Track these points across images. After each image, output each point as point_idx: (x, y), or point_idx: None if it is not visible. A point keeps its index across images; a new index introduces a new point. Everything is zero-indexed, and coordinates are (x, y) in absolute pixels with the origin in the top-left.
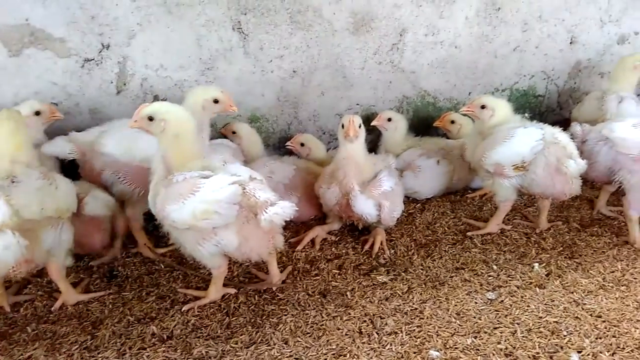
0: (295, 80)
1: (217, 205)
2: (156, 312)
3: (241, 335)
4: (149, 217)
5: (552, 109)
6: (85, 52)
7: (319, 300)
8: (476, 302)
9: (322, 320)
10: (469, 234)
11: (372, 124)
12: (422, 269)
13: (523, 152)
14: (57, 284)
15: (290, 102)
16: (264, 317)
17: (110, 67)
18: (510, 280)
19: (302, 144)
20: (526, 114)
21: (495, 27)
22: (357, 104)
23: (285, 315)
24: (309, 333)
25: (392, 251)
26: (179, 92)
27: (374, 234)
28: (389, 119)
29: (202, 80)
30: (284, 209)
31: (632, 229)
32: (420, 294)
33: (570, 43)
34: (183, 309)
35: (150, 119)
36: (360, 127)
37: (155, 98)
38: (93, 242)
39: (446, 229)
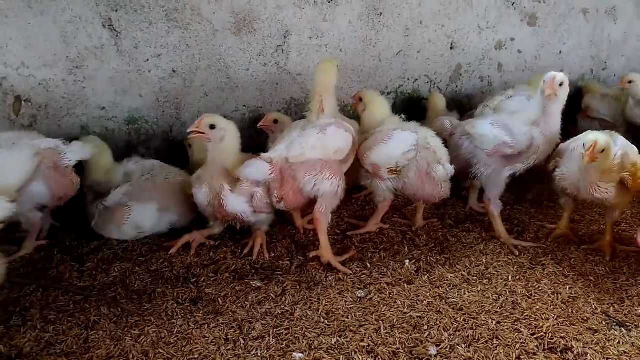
0: (175, 80)
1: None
2: (5, 329)
3: (98, 349)
4: None
5: None
6: None
7: (189, 308)
8: (346, 301)
9: (189, 329)
10: (348, 233)
11: (259, 125)
12: (299, 271)
13: (397, 157)
14: None
15: (171, 103)
16: (125, 329)
17: None
18: (381, 277)
19: (276, 121)
20: (402, 115)
21: (378, 31)
22: (244, 106)
23: (149, 326)
24: (172, 343)
25: (273, 254)
26: (44, 91)
27: (254, 237)
28: (275, 121)
29: (70, 79)
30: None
31: (496, 224)
32: (293, 295)
33: (451, 48)
34: None
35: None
36: (212, 127)
37: (17, 99)
38: None
39: (328, 229)
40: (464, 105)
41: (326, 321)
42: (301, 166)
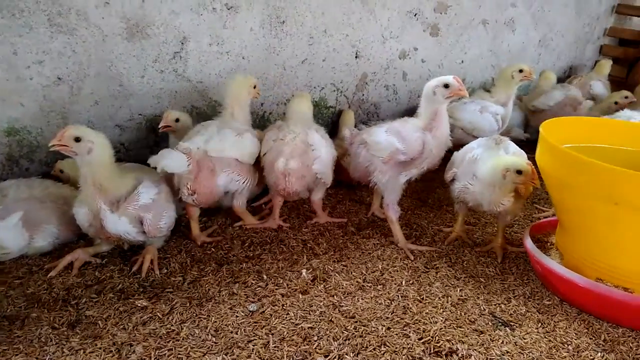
0: (61, 88)
1: None
2: None
3: None
4: None
5: None
6: None
7: (65, 333)
8: (237, 316)
9: (62, 356)
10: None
11: (160, 126)
12: (191, 286)
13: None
14: None
15: (57, 112)
16: None
17: None
18: (276, 289)
19: (177, 119)
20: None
21: (281, 39)
22: (140, 114)
23: (17, 354)
24: None
25: (165, 270)
26: None
27: (144, 253)
28: (177, 120)
29: None
30: None
31: (394, 229)
32: (182, 313)
33: (356, 57)
34: None
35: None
36: (78, 140)
37: None
38: None
39: (224, 242)
40: (370, 113)
41: (214, 338)
42: (220, 161)
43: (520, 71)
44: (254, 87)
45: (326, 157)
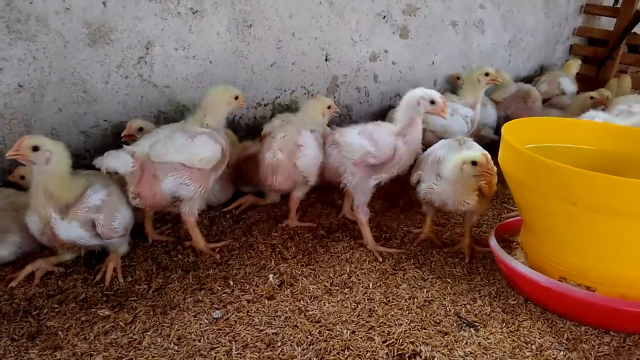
0: (23, 96)
1: None
2: None
3: None
4: None
5: None
6: None
7: (24, 344)
8: (201, 324)
9: None
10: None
11: (122, 135)
12: (156, 294)
13: None
14: None
15: (19, 120)
16: None
17: None
18: (242, 295)
19: (141, 129)
20: None
21: (249, 43)
22: (105, 120)
23: None
24: None
25: (130, 278)
26: None
27: (107, 261)
28: (140, 129)
29: None
30: None
31: (363, 231)
32: (144, 322)
33: (326, 60)
34: None
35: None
36: (36, 150)
37: None
38: None
39: (191, 248)
40: (343, 115)
41: (176, 347)
42: (162, 166)
43: (487, 74)
44: (236, 98)
45: (313, 157)
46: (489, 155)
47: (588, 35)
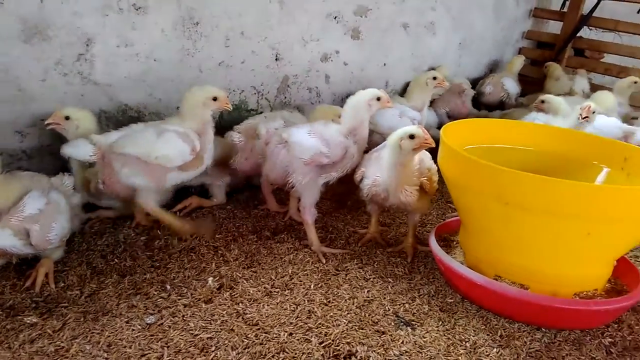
0: None
1: None
2: None
3: None
4: None
5: None
6: None
7: None
8: (133, 330)
9: None
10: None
11: (47, 122)
12: (89, 300)
13: None
14: None
15: None
16: None
17: None
18: (179, 299)
19: (67, 117)
20: None
21: (195, 41)
22: (42, 120)
23: None
24: None
25: (62, 284)
26: None
27: (38, 266)
28: (67, 117)
29: None
30: None
31: (309, 232)
32: (74, 329)
33: (276, 60)
34: None
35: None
36: None
37: None
38: None
39: (129, 252)
40: None
41: (105, 354)
42: (119, 157)
43: (434, 78)
44: (214, 99)
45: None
46: (423, 129)
47: (537, 39)
